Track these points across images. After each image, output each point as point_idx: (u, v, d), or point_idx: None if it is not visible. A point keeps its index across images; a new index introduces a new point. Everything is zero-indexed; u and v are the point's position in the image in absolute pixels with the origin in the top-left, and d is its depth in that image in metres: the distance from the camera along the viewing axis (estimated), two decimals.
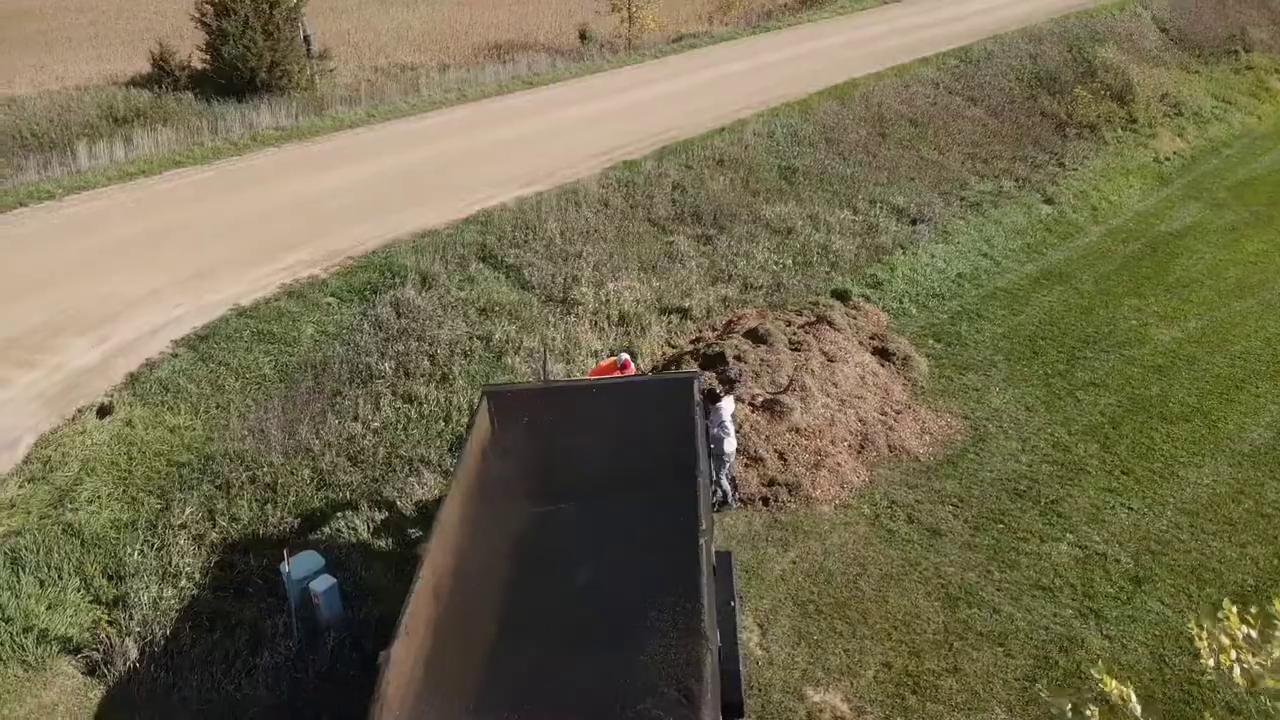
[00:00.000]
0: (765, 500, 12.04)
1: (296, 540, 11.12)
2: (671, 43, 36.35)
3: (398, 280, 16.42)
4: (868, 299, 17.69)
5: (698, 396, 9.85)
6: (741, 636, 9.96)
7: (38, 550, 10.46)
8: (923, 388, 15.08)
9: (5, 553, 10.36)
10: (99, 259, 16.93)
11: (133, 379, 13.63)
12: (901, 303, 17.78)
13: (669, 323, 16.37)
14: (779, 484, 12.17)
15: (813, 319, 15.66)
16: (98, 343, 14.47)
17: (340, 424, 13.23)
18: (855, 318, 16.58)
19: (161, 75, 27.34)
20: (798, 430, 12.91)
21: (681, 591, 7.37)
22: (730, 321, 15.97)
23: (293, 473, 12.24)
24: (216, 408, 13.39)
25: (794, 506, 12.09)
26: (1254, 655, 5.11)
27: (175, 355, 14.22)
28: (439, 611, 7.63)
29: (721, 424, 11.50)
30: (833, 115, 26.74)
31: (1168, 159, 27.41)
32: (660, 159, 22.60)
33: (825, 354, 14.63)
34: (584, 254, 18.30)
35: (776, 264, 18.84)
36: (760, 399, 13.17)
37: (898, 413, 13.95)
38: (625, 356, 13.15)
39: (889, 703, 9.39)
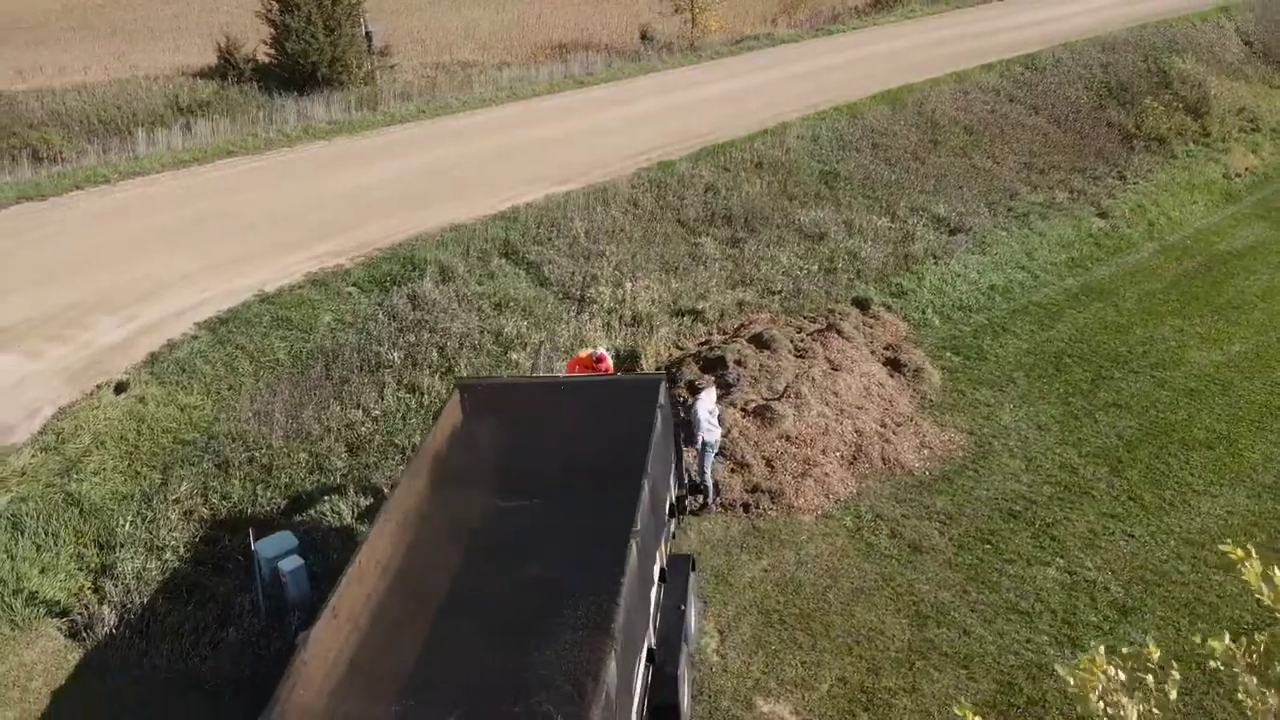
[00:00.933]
0: (746, 507, 11.95)
1: (282, 521, 11.50)
2: (734, 44, 36.21)
3: (417, 273, 16.75)
4: (889, 308, 17.37)
5: (662, 398, 9.84)
6: (699, 641, 9.95)
7: (38, 517, 11.03)
8: (932, 401, 14.74)
9: (8, 517, 10.95)
10: (140, 243, 17.69)
11: (153, 358, 14.21)
12: (924, 313, 17.40)
13: (680, 325, 16.34)
14: (762, 491, 12.06)
15: (823, 326, 15.47)
16: (126, 322, 15.12)
17: (343, 411, 13.58)
18: (872, 327, 16.31)
19: (227, 68, 28.40)
20: (788, 438, 12.77)
21: (606, 590, 7.39)
22: (741, 326, 15.88)
23: (289, 455, 12.63)
24: (228, 389, 13.88)
25: (774, 514, 11.96)
26: (1128, 698, 4.88)
27: (195, 337, 14.77)
28: (371, 596, 7.81)
29: (696, 417, 11.45)
30: (883, 120, 26.32)
31: (1238, 175, 26.20)
32: (697, 160, 22.56)
33: (830, 362, 14.44)
34: (606, 253, 18.39)
35: (801, 269, 18.62)
36: (754, 404, 13.06)
37: (898, 425, 13.67)
38: (602, 351, 13.15)
39: (839, 718, 9.23)
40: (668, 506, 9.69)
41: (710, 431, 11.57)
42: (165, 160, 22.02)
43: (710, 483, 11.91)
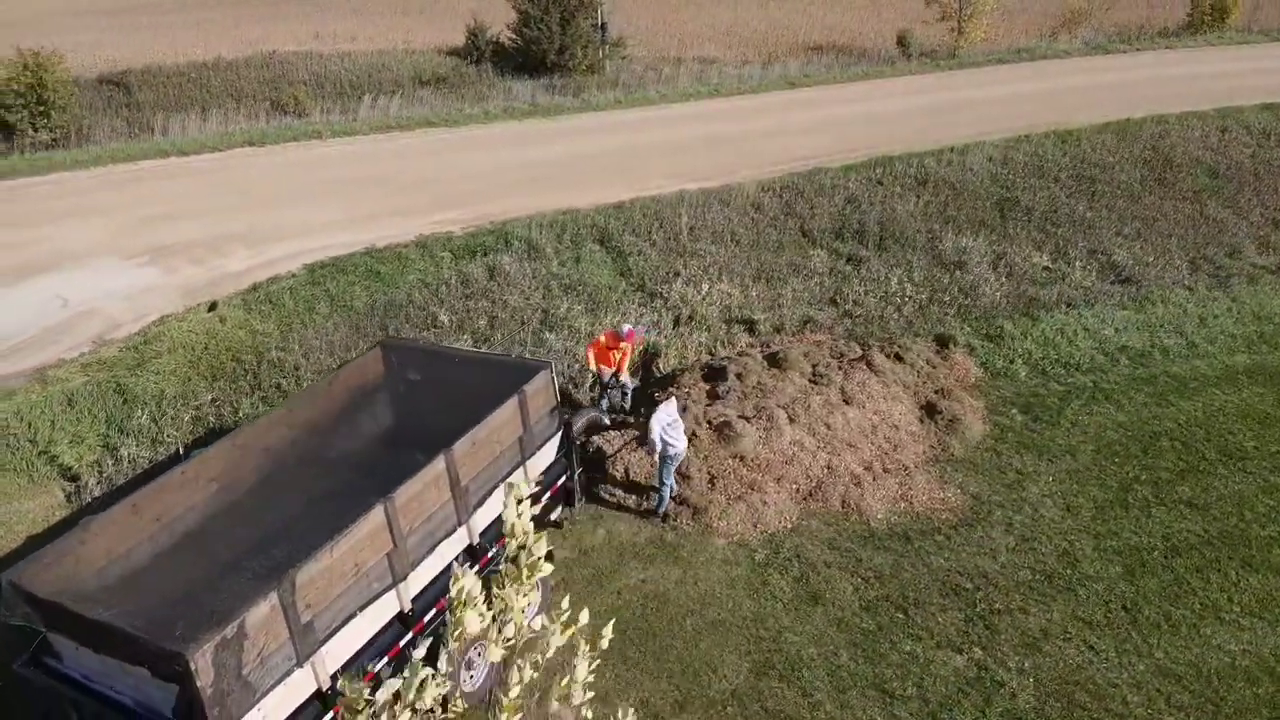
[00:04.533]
0: (666, 516, 11.66)
1: None
2: (997, 56, 33.73)
3: (505, 246, 17.78)
4: (972, 349, 15.75)
5: (541, 384, 9.97)
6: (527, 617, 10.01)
7: (90, 397, 13.37)
8: (954, 456, 13.28)
9: (67, 394, 13.39)
10: (308, 192, 20.34)
11: (253, 287, 16.44)
12: (1013, 363, 15.55)
13: (728, 332, 15.94)
14: (687, 504, 11.70)
15: (856, 356, 14.43)
16: (254, 255, 17.58)
17: None
18: (935, 367, 14.93)
19: (471, 48, 31.24)
20: (741, 458, 12.21)
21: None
22: (766, 343, 15.29)
23: (302, 385, 14.14)
24: (299, 324, 15.74)
25: (689, 530, 11.56)
26: None
27: (295, 275, 16.84)
28: (175, 506, 8.80)
29: (648, 427, 11.35)
30: (1102, 150, 23.50)
31: None
32: (851, 171, 21.61)
33: (845, 393, 13.50)
34: (701, 252, 18.32)
35: (904, 296, 17.31)
36: (719, 420, 12.62)
37: (885, 471, 12.53)
38: (628, 327, 13.34)
39: None
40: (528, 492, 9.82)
41: (670, 445, 11.36)
42: (375, 124, 24.92)
43: (666, 493, 11.74)
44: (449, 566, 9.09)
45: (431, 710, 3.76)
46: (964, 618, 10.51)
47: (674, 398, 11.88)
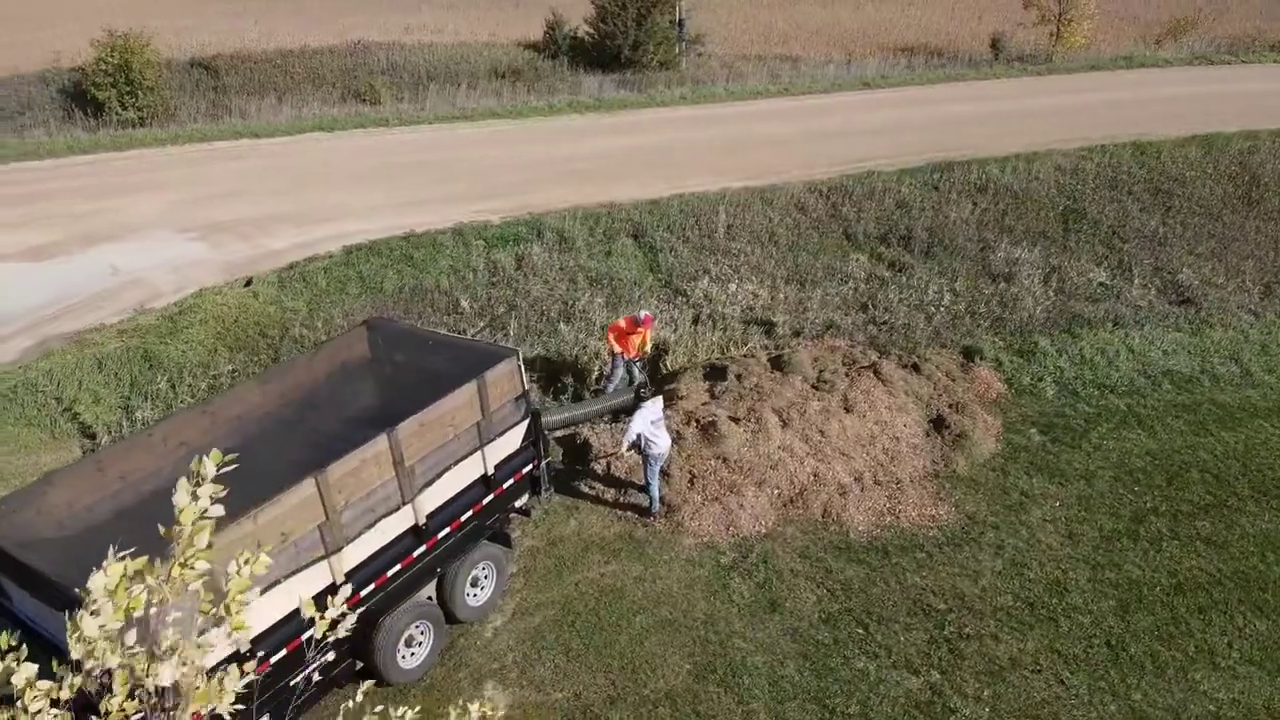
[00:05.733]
0: (641, 512, 11.56)
1: None
2: (1093, 62, 32.23)
3: (537, 237, 17.94)
4: (999, 364, 15.09)
5: (504, 371, 10.03)
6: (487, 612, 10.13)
7: (118, 361, 14.11)
8: (955, 472, 12.73)
9: (100, 356, 14.16)
10: (360, 176, 20.95)
11: (291, 266, 17.05)
12: (1042, 380, 14.81)
13: (744, 332, 15.69)
14: (664, 502, 11.57)
15: (866, 364, 14.00)
16: (298, 235, 18.20)
17: None
18: (954, 380, 14.38)
19: (549, 42, 31.61)
20: (724, 459, 12.00)
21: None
22: (795, 346, 14.93)
23: None
24: (327, 302, 16.25)
25: (660, 528, 11.44)
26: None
27: (331, 255, 17.38)
28: (122, 466, 9.16)
29: (629, 425, 11.30)
30: (1183, 165, 22.23)
31: None
32: (907, 174, 21.00)
33: (846, 400, 13.14)
34: (735, 251, 18.11)
35: (938, 306, 16.70)
36: (706, 419, 12.44)
37: (876, 483, 12.12)
38: (645, 313, 13.37)
39: None
40: (478, 476, 9.93)
41: (652, 444, 11.27)
42: (441, 115, 25.49)
43: (654, 493, 11.65)
44: (393, 542, 9.26)
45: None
46: (928, 639, 10.08)
47: (659, 397, 11.76)
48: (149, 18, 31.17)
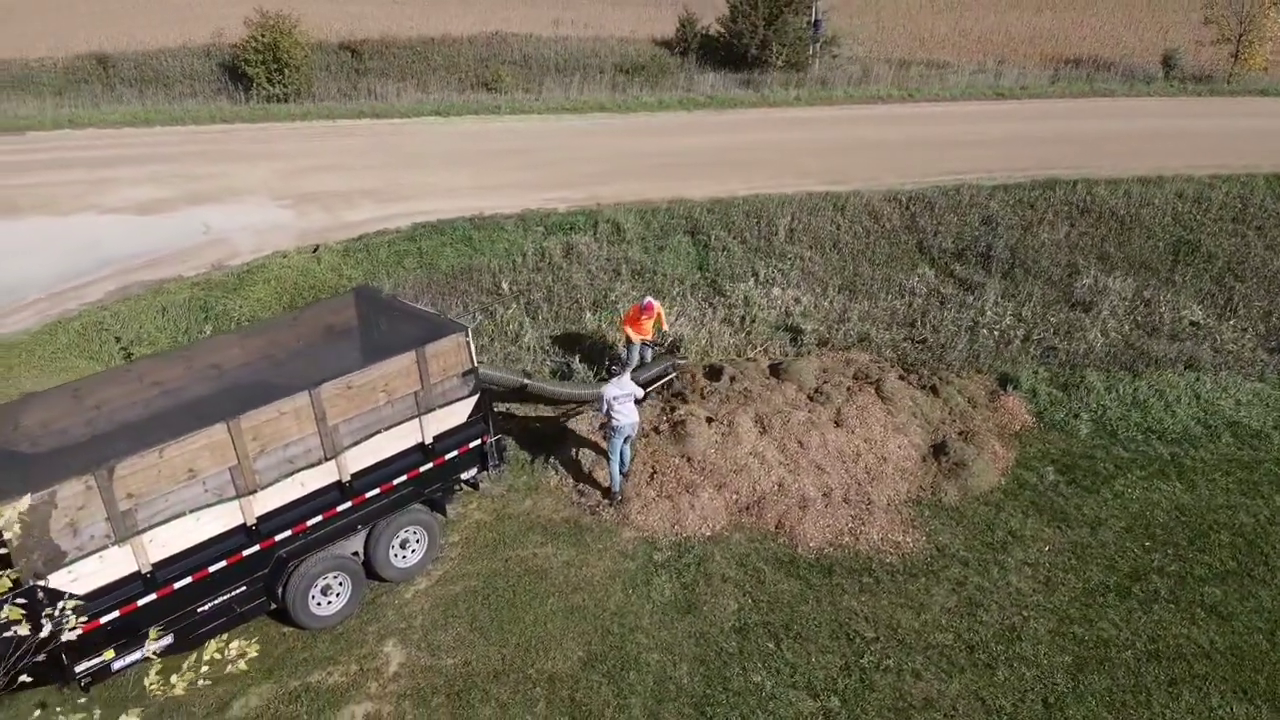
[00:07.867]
0: (616, 498, 11.57)
1: None
2: (1273, 86, 29.18)
3: (592, 227, 18.19)
4: (1034, 395, 14.03)
5: (448, 345, 10.34)
6: (407, 563, 10.49)
7: (180, 308, 15.48)
8: (942, 502, 11.96)
9: (166, 304, 15.58)
10: (452, 159, 21.89)
11: (360, 237, 18.09)
12: (1077, 417, 13.64)
13: (771, 338, 15.31)
14: (614, 494, 11.57)
15: (871, 380, 13.38)
16: (377, 210, 19.28)
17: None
18: (974, 405, 13.53)
19: (680, 39, 31.75)
20: (688, 458, 11.83)
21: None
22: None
23: None
24: (383, 273, 17.15)
25: (607, 518, 11.42)
26: None
27: (398, 230, 18.31)
28: (97, 396, 10.08)
29: (600, 399, 11.41)
30: None
31: None
32: (1001, 190, 19.80)
33: (839, 414, 12.64)
34: (790, 255, 17.71)
35: (991, 330, 15.68)
36: (677, 418, 12.29)
37: (845, 501, 11.60)
38: (649, 300, 13.42)
39: (417, 695, 9.16)
40: (414, 444, 10.30)
41: (615, 417, 11.35)
42: (552, 105, 26.20)
43: (615, 471, 11.69)
44: (314, 494, 9.76)
45: None
46: (842, 665, 9.60)
47: (627, 371, 11.78)
48: (317, 1, 33.66)
